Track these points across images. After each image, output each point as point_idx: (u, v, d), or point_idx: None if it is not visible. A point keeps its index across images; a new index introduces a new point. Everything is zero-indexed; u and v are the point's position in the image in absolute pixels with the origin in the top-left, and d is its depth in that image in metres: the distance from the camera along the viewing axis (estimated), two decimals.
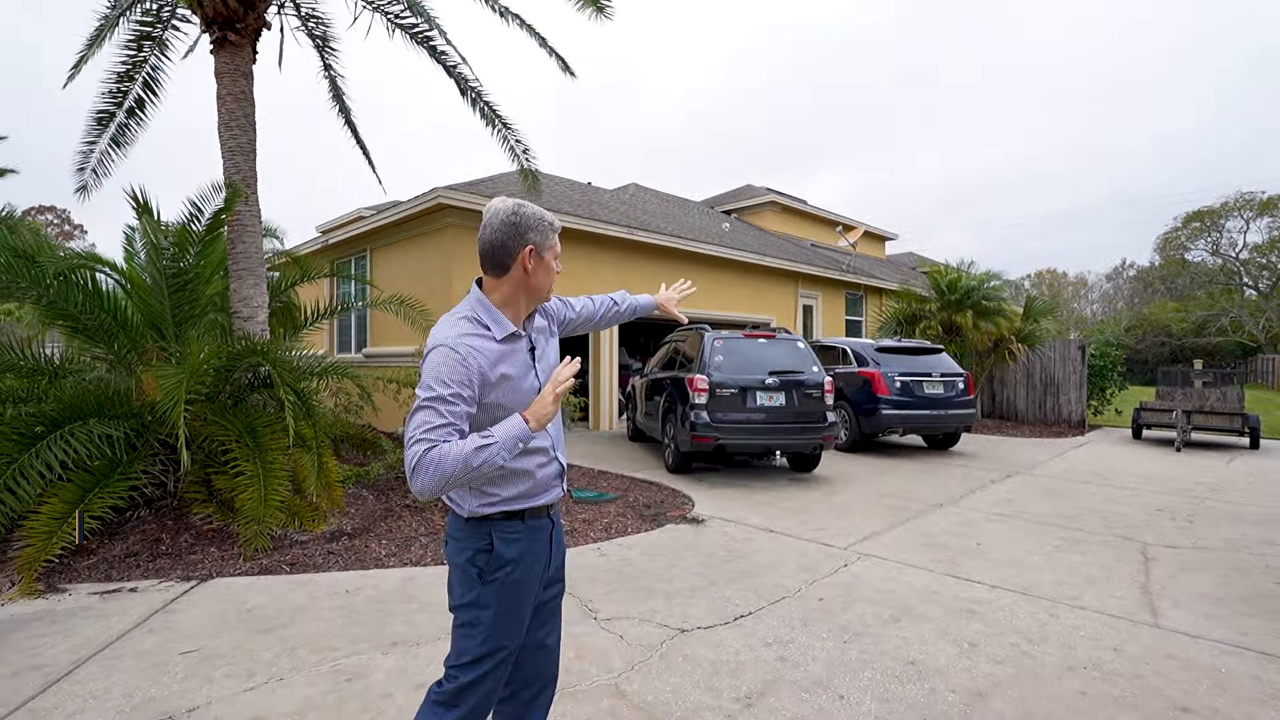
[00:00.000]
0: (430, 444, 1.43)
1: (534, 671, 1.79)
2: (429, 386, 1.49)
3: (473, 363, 1.51)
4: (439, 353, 1.52)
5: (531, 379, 1.66)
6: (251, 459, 4.73)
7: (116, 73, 6.55)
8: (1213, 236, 42.33)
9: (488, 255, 1.62)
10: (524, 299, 1.67)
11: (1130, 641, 3.21)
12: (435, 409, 1.47)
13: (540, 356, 1.72)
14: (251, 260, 5.82)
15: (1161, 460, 8.91)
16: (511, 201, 1.63)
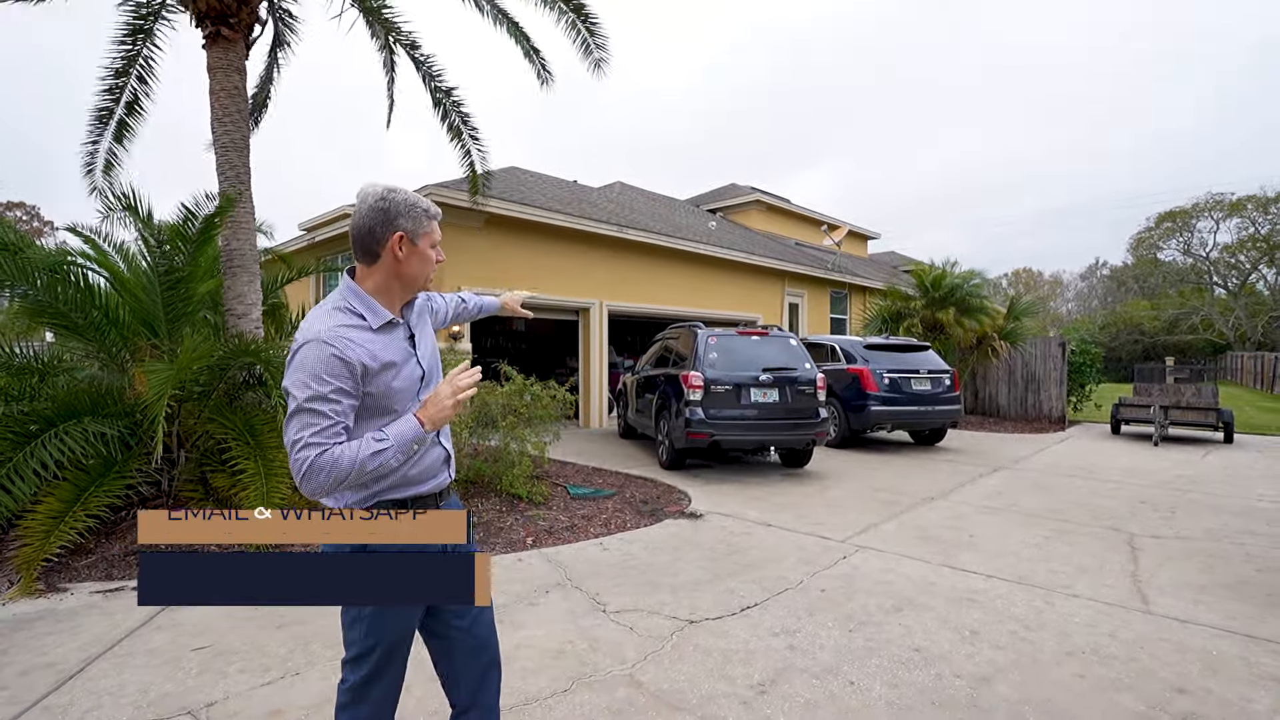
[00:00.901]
0: (321, 448, 1.39)
1: (466, 658, 1.77)
2: (307, 385, 1.41)
3: (351, 355, 1.46)
4: (313, 348, 1.44)
5: (413, 366, 1.63)
6: (252, 457, 4.70)
7: (113, 68, 6.47)
8: (1184, 237, 43.36)
9: (357, 241, 1.56)
10: (397, 287, 1.60)
11: (1124, 627, 3.32)
12: (318, 410, 1.41)
13: (419, 342, 1.68)
14: (246, 258, 5.77)
15: (1141, 454, 9.15)
16: (381, 186, 1.55)
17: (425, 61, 7.07)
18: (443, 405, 1.54)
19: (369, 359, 1.50)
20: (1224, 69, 76.68)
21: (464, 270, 9.61)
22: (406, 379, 1.60)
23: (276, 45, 7.50)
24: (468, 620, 1.76)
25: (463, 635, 1.76)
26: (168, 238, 5.34)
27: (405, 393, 1.60)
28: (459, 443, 6.08)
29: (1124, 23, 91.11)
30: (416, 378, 1.64)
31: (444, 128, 7.34)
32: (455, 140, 7.48)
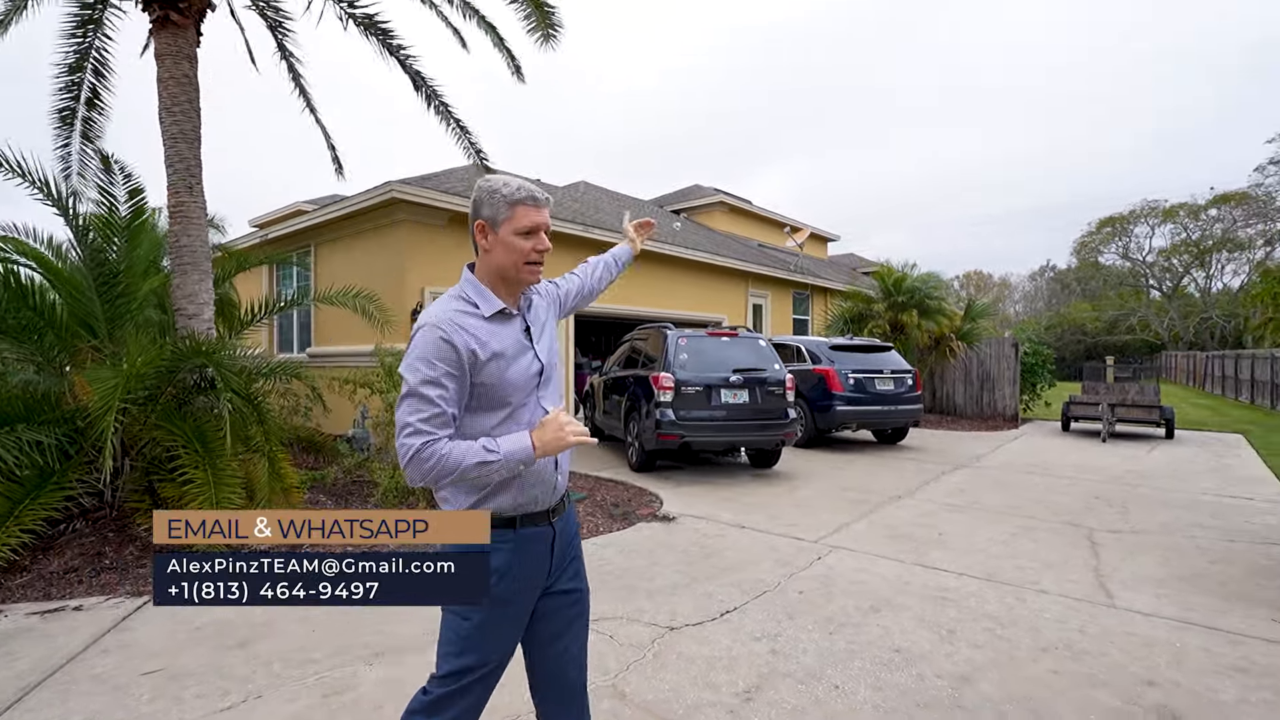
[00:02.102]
0: (428, 437, 1.39)
1: (559, 685, 1.70)
2: (416, 369, 1.43)
3: (459, 340, 1.45)
4: (426, 333, 1.46)
5: (529, 359, 1.58)
6: (202, 465, 4.46)
7: (67, 65, 6.12)
8: (1122, 241, 45.45)
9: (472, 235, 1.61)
10: (496, 278, 1.58)
11: (1091, 622, 3.40)
12: (426, 395, 1.41)
13: (536, 336, 1.64)
14: (197, 254, 5.49)
15: (1090, 450, 9.50)
16: (482, 178, 1.59)
17: (400, 48, 6.90)
18: (560, 436, 1.48)
19: (478, 346, 1.48)
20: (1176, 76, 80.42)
21: (429, 269, 9.37)
22: (521, 372, 1.55)
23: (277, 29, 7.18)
24: (560, 644, 1.69)
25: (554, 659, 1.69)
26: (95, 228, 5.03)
27: (520, 386, 1.55)
28: None
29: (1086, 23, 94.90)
30: (534, 372, 1.59)
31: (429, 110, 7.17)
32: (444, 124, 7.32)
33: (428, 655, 2.95)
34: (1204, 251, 40.69)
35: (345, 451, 6.32)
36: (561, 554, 1.66)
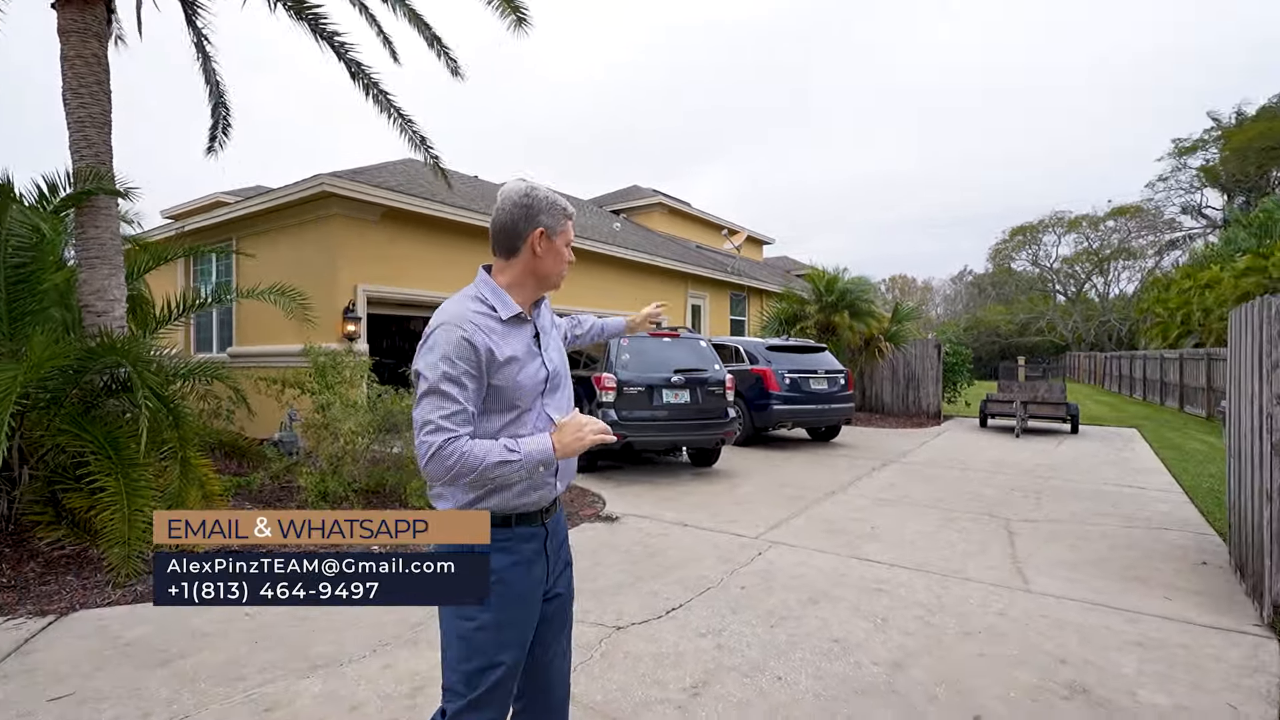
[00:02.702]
0: (450, 434, 1.40)
1: (544, 699, 1.68)
2: (437, 366, 1.43)
3: (479, 340, 1.46)
4: (445, 331, 1.46)
5: (538, 365, 1.60)
6: (114, 473, 4.16)
7: None
8: (1032, 249, 48.62)
9: (498, 236, 1.60)
10: (532, 283, 1.63)
11: (1011, 606, 3.64)
12: (446, 393, 1.42)
13: (545, 344, 1.66)
14: (107, 248, 5.12)
15: (1006, 445, 10.12)
16: (524, 184, 1.60)
17: (335, 35, 6.63)
18: (580, 436, 1.51)
19: (495, 347, 1.49)
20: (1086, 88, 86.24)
21: (360, 266, 9.05)
22: (531, 376, 1.57)
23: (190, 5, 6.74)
24: (550, 652, 1.68)
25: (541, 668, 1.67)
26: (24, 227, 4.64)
27: (530, 390, 1.56)
28: (357, 451, 5.71)
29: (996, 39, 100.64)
30: (541, 378, 1.60)
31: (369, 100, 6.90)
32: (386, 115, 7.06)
33: (369, 665, 2.88)
34: (1103, 260, 44.06)
35: (272, 456, 6.03)
36: (555, 555, 1.66)
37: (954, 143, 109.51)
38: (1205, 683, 2.79)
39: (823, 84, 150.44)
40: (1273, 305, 3.36)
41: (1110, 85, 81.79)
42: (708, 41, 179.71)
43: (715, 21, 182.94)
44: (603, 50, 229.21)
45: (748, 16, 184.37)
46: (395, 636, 3.17)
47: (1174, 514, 5.78)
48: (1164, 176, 38.58)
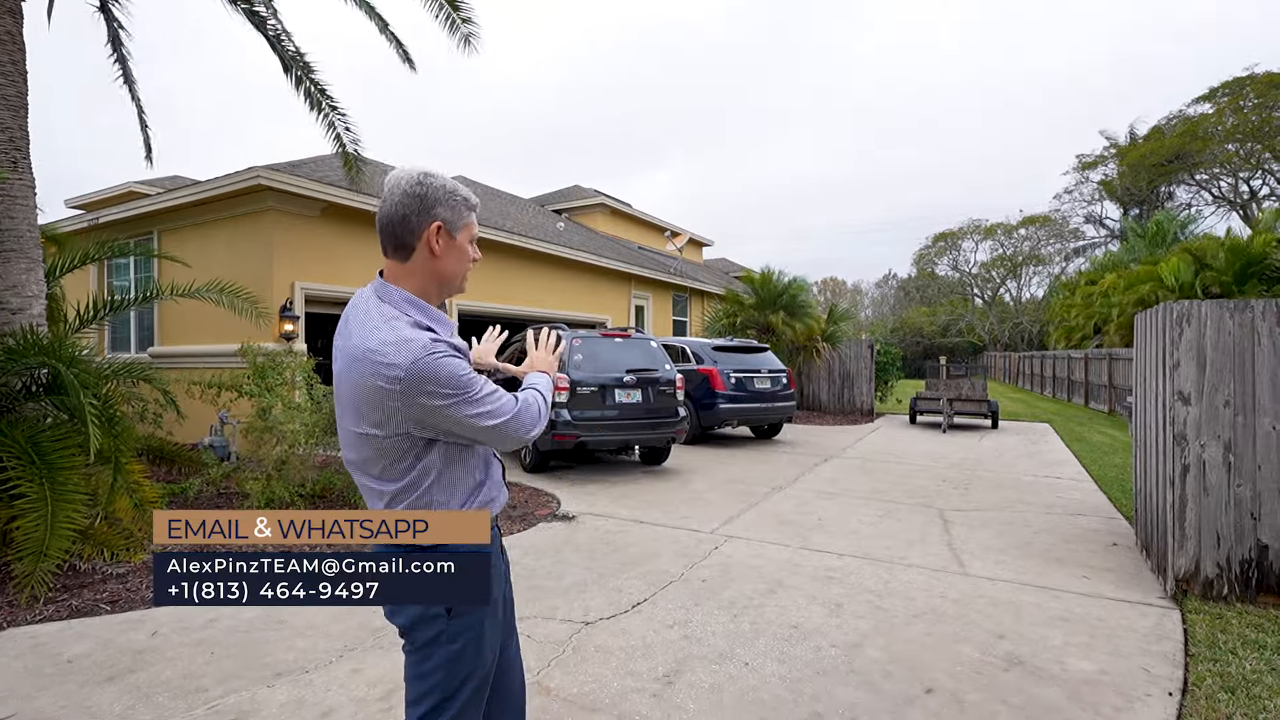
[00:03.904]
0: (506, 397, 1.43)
1: (507, 697, 1.66)
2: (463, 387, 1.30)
3: (458, 343, 1.36)
4: (431, 360, 1.27)
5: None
6: (37, 479, 3.91)
7: None
8: (953, 254, 51.36)
9: (387, 233, 1.38)
10: (434, 289, 1.43)
11: (951, 589, 3.91)
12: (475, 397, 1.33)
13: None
14: (23, 240, 4.78)
15: (934, 440, 10.71)
16: (416, 171, 1.39)
17: (266, 21, 6.37)
18: (547, 359, 1.70)
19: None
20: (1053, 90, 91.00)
21: (300, 264, 8.71)
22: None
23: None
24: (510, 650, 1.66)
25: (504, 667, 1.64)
26: None
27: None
28: (306, 454, 5.53)
29: None
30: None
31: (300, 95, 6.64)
32: (315, 111, 6.80)
33: (334, 671, 2.83)
34: (1016, 265, 47.01)
35: (210, 461, 5.75)
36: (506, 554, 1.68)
37: (879, 152, 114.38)
38: (1121, 649, 3.10)
39: (759, 92, 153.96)
40: (1174, 311, 3.75)
41: (1024, 102, 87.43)
42: (649, 45, 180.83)
43: (656, 25, 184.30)
44: (542, 49, 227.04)
45: (686, 21, 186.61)
46: (359, 642, 3.13)
47: (1086, 501, 6.29)
48: (1069, 189, 41.51)
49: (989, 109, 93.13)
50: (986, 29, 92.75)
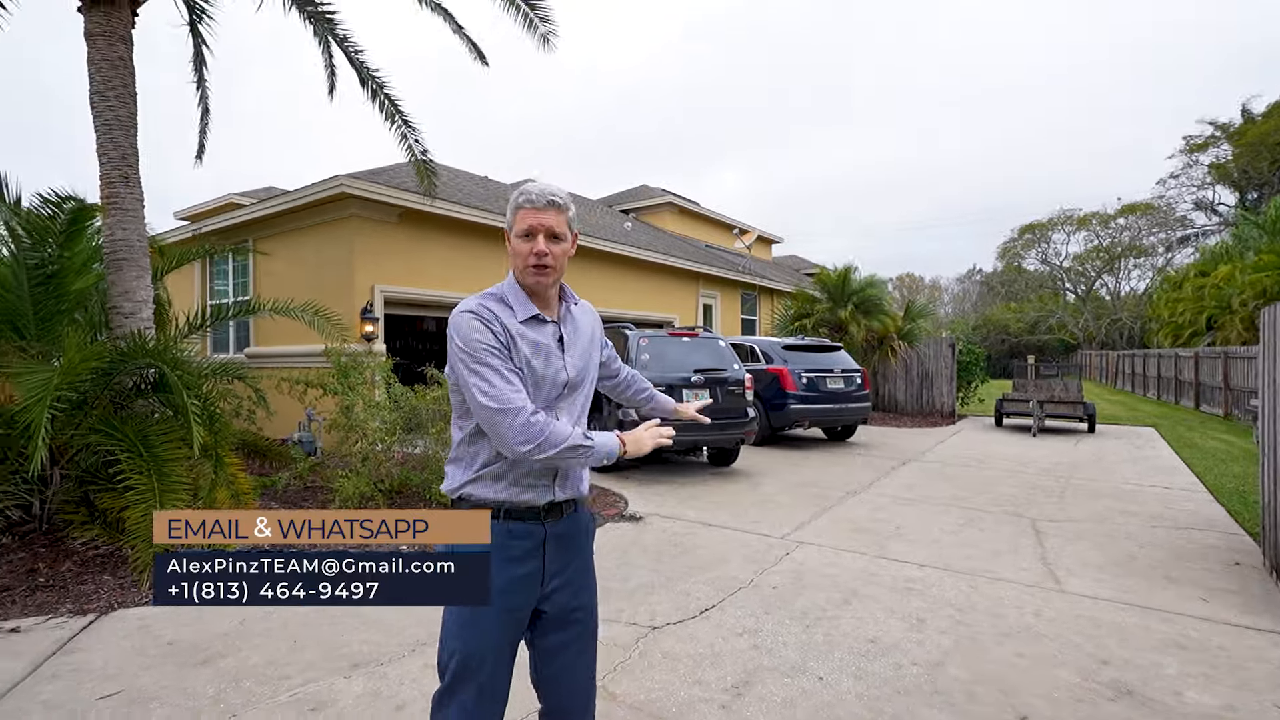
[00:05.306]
0: (520, 410, 1.44)
1: (556, 710, 1.70)
2: (473, 351, 1.48)
3: (497, 326, 1.51)
4: (465, 318, 1.51)
5: (558, 369, 1.60)
6: (145, 471, 4.19)
7: None
8: (1041, 247, 48.33)
9: None
10: (520, 286, 1.62)
11: (1045, 607, 3.62)
12: (493, 367, 1.47)
13: (569, 349, 1.65)
14: (134, 250, 5.16)
15: (1023, 444, 10.07)
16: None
17: (346, 39, 6.66)
18: (643, 441, 1.59)
19: (505, 330, 1.52)
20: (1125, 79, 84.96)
21: (379, 267, 9.08)
22: (549, 378, 1.58)
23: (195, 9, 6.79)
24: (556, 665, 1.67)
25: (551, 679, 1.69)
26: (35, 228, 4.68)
27: (543, 392, 1.57)
28: (386, 450, 5.73)
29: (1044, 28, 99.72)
30: (560, 381, 1.60)
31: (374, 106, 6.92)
32: (389, 122, 7.07)
33: (408, 665, 2.89)
34: (1114, 257, 43.74)
35: (297, 456, 6.06)
36: (558, 560, 1.62)
37: (959, 142, 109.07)
38: (1250, 683, 2.77)
39: (833, 83, 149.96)
40: None
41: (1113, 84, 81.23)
42: (715, 41, 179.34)
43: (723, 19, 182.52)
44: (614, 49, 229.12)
45: (760, 17, 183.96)
46: (431, 636, 3.17)
47: (1200, 513, 5.73)
48: (1175, 173, 38.28)
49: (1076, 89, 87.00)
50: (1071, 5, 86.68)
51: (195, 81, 7.42)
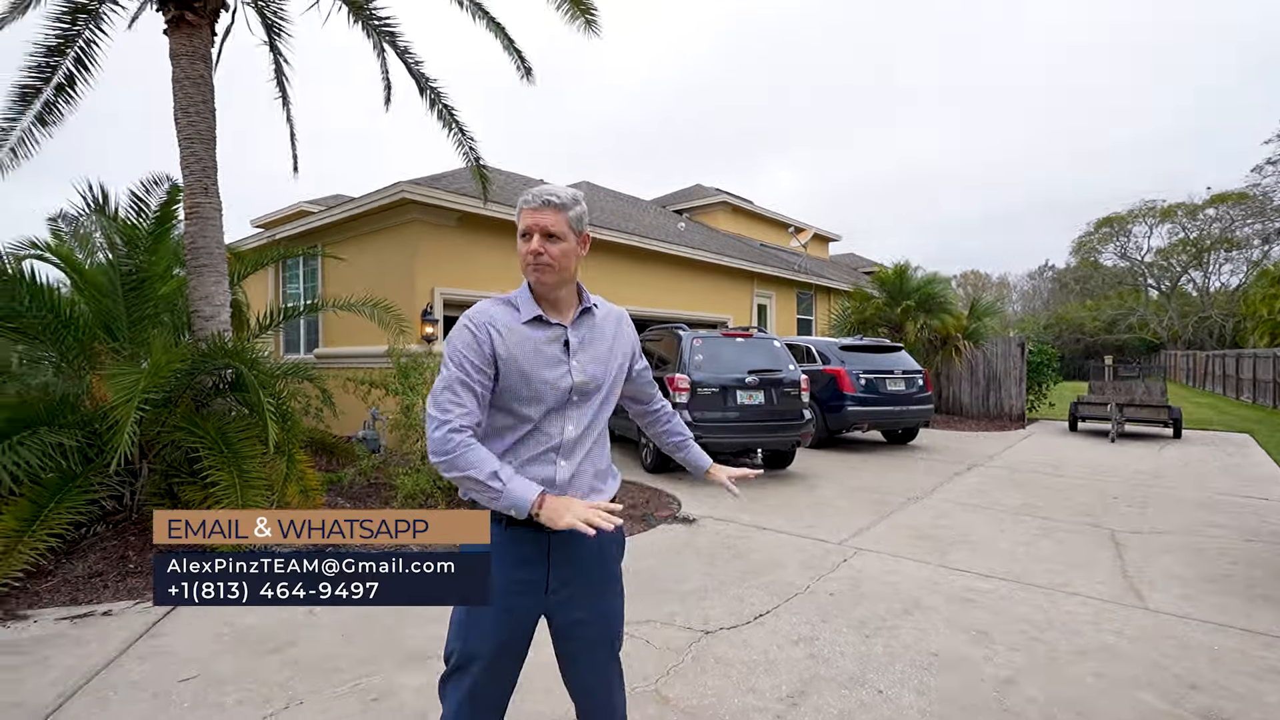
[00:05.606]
0: (446, 424, 1.43)
1: (580, 707, 1.73)
2: (449, 359, 1.51)
3: (483, 335, 1.51)
4: (460, 325, 1.55)
5: (561, 374, 1.55)
6: (226, 467, 4.43)
7: (45, 46, 5.99)
8: (1120, 241, 45.53)
9: None
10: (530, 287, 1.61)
11: (1128, 625, 3.40)
12: (449, 381, 1.48)
13: (578, 352, 1.60)
14: (214, 256, 5.46)
15: (1100, 450, 9.51)
16: None
17: (406, 50, 6.87)
18: (563, 514, 1.38)
19: (499, 338, 1.52)
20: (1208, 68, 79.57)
21: (439, 270, 9.34)
22: (549, 382, 1.55)
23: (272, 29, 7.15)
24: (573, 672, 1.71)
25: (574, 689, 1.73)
26: (128, 235, 5.02)
27: (544, 398, 1.54)
28: None
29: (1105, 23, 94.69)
30: (564, 387, 1.56)
31: (432, 115, 7.12)
32: (446, 130, 7.27)
33: None
34: (1202, 251, 40.83)
35: (362, 454, 6.29)
36: (564, 570, 1.58)
37: (1024, 134, 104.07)
38: None
39: (889, 77, 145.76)
40: None
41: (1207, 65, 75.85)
42: (771, 37, 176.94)
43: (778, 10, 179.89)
44: (665, 48, 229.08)
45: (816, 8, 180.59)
46: None
47: None
48: (1273, 159, 35.42)
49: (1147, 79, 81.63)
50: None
51: (279, 97, 7.77)
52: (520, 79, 7.60)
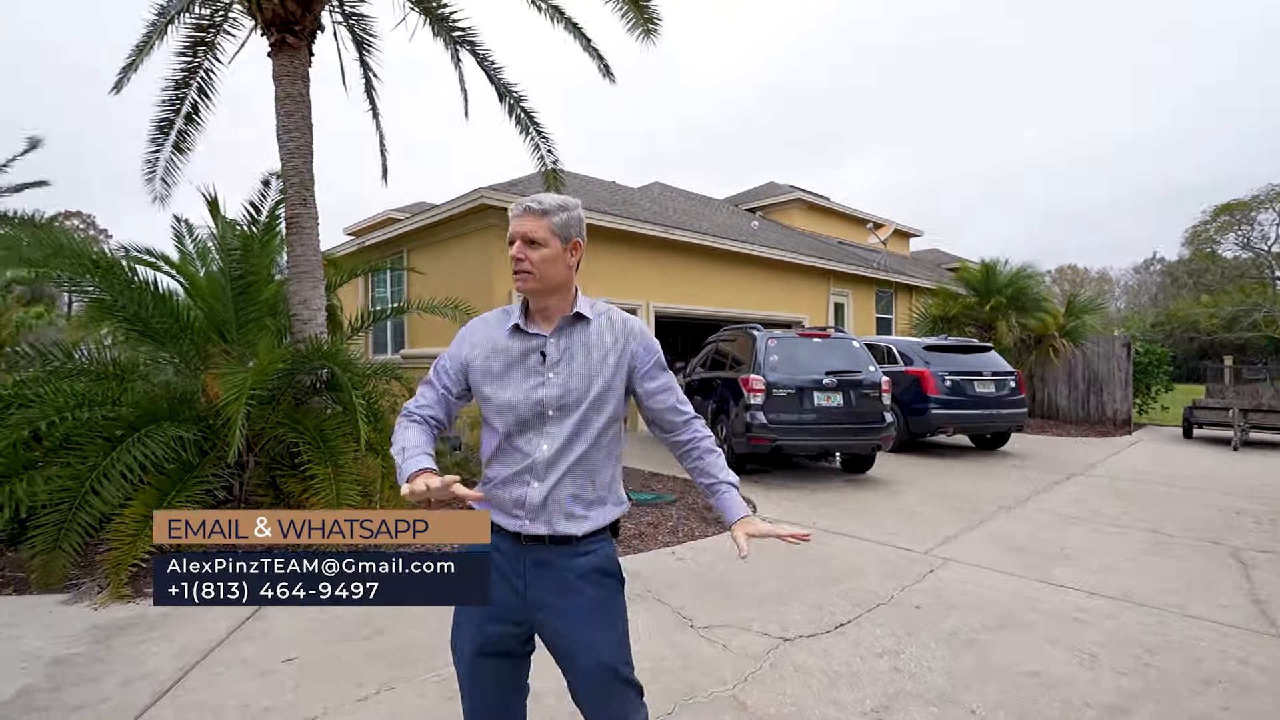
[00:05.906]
0: (406, 413, 1.60)
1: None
2: (442, 356, 1.65)
3: (461, 343, 1.62)
4: (458, 333, 1.67)
5: (530, 386, 1.51)
6: (324, 462, 4.71)
7: (174, 80, 6.58)
8: (1243, 230, 41.44)
9: None
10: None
11: (1257, 653, 3.08)
12: (434, 374, 1.63)
13: (556, 360, 1.52)
14: (310, 262, 5.81)
15: (1220, 459, 8.68)
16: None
17: (486, 58, 7.10)
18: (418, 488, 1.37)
19: (469, 349, 1.59)
20: None
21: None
22: (517, 395, 1.51)
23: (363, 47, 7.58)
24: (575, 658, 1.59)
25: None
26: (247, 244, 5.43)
27: (513, 409, 1.51)
28: None
29: None
30: (530, 400, 1.50)
31: (511, 121, 7.33)
32: (524, 135, 7.47)
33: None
34: None
35: (445, 451, 6.55)
36: (542, 588, 1.54)
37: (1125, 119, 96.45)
38: None
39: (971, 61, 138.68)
40: None
41: None
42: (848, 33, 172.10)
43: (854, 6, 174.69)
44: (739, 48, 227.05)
45: None
46: None
47: None
48: None
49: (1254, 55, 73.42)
50: None
51: (370, 110, 8.20)
52: (601, 78, 7.70)
